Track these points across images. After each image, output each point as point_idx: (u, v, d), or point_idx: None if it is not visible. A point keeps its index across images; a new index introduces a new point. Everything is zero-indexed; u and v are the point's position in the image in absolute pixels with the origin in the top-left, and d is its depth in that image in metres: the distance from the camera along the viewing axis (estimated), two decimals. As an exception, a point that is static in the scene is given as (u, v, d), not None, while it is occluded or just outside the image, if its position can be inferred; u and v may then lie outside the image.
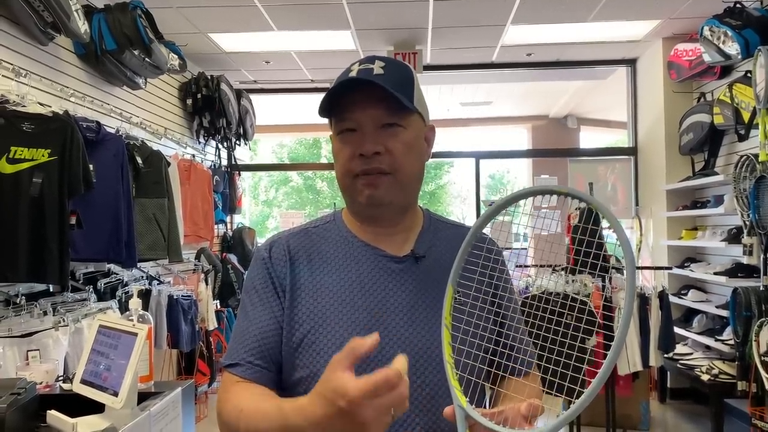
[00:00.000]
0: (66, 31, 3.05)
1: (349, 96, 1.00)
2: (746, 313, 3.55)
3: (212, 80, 5.25)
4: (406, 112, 1.02)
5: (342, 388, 0.72)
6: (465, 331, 0.94)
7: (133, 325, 1.45)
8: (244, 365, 1.01)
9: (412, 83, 1.04)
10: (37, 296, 2.97)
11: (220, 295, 5.38)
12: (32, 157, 2.71)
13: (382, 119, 1.01)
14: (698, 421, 4.52)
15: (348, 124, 1.02)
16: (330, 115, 1.05)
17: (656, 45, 5.29)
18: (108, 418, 1.45)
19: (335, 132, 1.05)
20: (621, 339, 0.71)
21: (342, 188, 1.07)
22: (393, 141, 1.01)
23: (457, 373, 0.86)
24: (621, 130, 7.48)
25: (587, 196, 0.79)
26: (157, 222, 3.85)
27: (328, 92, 1.00)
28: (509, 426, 0.78)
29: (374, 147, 1.00)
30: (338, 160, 1.05)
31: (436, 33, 4.99)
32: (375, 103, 1.00)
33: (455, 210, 16.15)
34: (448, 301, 0.90)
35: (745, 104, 3.93)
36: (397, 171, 1.02)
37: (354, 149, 1.01)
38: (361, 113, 1.00)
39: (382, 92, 0.98)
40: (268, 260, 1.07)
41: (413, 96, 1.03)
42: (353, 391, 0.71)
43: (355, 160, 1.01)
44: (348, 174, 1.03)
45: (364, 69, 1.00)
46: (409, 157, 1.03)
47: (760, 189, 3.61)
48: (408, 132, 1.03)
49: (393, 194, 1.03)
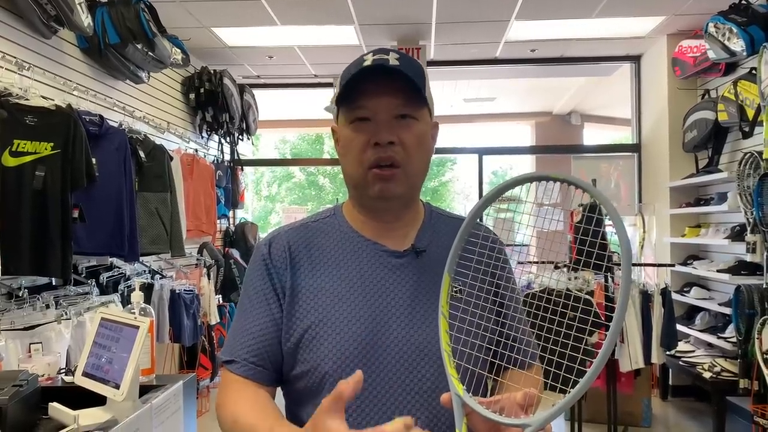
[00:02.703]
0: (69, 24, 3.05)
1: (364, 85, 0.99)
2: (749, 311, 3.55)
3: (215, 75, 5.25)
4: (420, 104, 1.03)
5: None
6: (464, 320, 0.94)
7: (135, 318, 1.45)
8: (241, 363, 1.02)
9: (425, 77, 1.04)
10: (40, 289, 2.98)
11: (223, 290, 5.39)
12: (35, 151, 2.71)
13: (398, 109, 1.00)
14: (700, 419, 4.52)
15: (362, 112, 1.01)
16: (342, 103, 1.03)
17: (661, 41, 5.26)
18: (109, 410, 1.45)
19: (347, 121, 1.03)
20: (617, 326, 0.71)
21: (351, 179, 1.06)
22: (406, 132, 1.01)
23: (455, 361, 0.86)
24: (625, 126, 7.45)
25: (584, 182, 0.78)
26: (160, 216, 3.85)
27: (350, 77, 0.99)
28: (505, 414, 0.78)
29: (389, 136, 0.99)
30: (349, 149, 1.03)
31: (439, 28, 4.98)
32: (392, 92, 0.99)
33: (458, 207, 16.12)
34: (445, 290, 0.90)
35: (749, 101, 3.92)
36: (407, 164, 1.01)
37: (368, 138, 1.00)
38: (378, 102, 1.00)
39: (398, 82, 0.98)
40: (268, 257, 1.07)
41: (426, 90, 1.03)
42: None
43: (369, 149, 1.00)
44: (360, 165, 1.02)
45: (379, 59, 0.99)
46: (419, 150, 1.03)
47: (764, 186, 3.59)
48: (420, 125, 1.03)
49: (402, 188, 1.03)
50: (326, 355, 0.98)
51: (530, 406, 0.80)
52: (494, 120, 9.66)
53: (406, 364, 0.99)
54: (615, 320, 0.71)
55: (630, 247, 0.75)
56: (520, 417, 0.78)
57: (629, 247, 0.74)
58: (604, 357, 0.71)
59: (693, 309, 4.82)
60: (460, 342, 0.91)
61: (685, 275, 4.94)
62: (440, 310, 0.89)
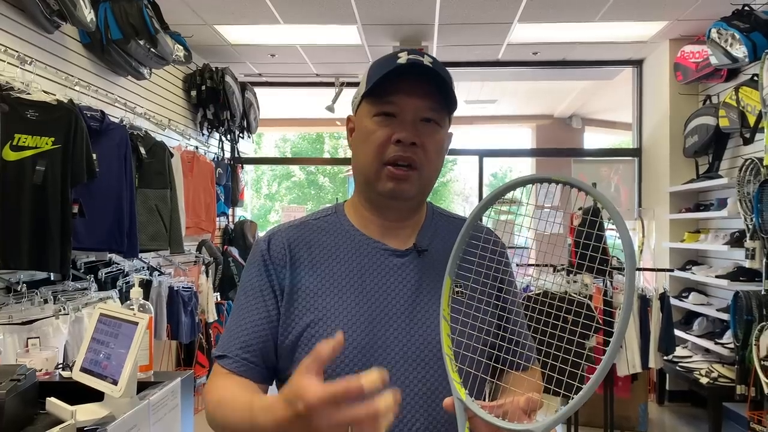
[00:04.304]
0: (72, 19, 3.04)
1: (396, 81, 0.99)
2: (747, 317, 3.55)
3: (217, 72, 5.25)
4: (447, 111, 1.03)
5: (302, 390, 0.71)
6: (466, 323, 0.94)
7: (134, 314, 1.45)
8: (233, 358, 1.01)
9: (453, 86, 1.04)
10: (38, 284, 2.98)
11: (221, 288, 5.39)
12: (36, 145, 2.71)
13: (425, 112, 1.00)
14: (696, 425, 4.52)
15: (390, 107, 1.00)
16: (369, 95, 1.02)
17: (663, 46, 5.27)
18: (107, 406, 1.45)
19: (370, 113, 1.02)
20: (621, 332, 0.70)
21: (362, 171, 1.05)
22: (429, 137, 1.01)
23: (457, 365, 0.86)
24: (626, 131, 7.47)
25: (586, 185, 0.78)
26: (159, 213, 3.85)
27: (386, 72, 0.98)
28: (508, 419, 0.78)
29: (413, 137, 0.99)
30: (368, 142, 1.02)
31: (442, 30, 4.98)
32: (423, 94, 1.00)
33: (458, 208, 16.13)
34: (446, 292, 0.90)
35: (751, 108, 3.92)
36: (423, 167, 1.01)
37: (390, 134, 0.99)
38: (408, 101, 0.99)
39: (429, 86, 0.98)
40: (267, 254, 1.06)
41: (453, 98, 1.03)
42: (311, 395, 0.70)
43: (389, 145, 1.00)
44: (377, 158, 1.01)
45: (413, 59, 0.99)
46: (437, 157, 1.04)
47: (764, 193, 3.60)
48: (442, 132, 1.04)
49: (414, 190, 1.03)
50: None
51: (533, 411, 0.80)
52: (495, 122, 9.66)
53: (406, 365, 0.98)
54: (619, 325, 0.71)
55: (634, 251, 0.74)
56: (523, 422, 0.78)
57: (633, 252, 0.73)
58: (609, 361, 0.71)
59: (691, 314, 4.82)
60: (462, 346, 0.91)
61: (684, 280, 4.94)
62: (441, 313, 0.89)
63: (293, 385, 0.74)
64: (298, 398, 0.71)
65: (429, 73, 0.98)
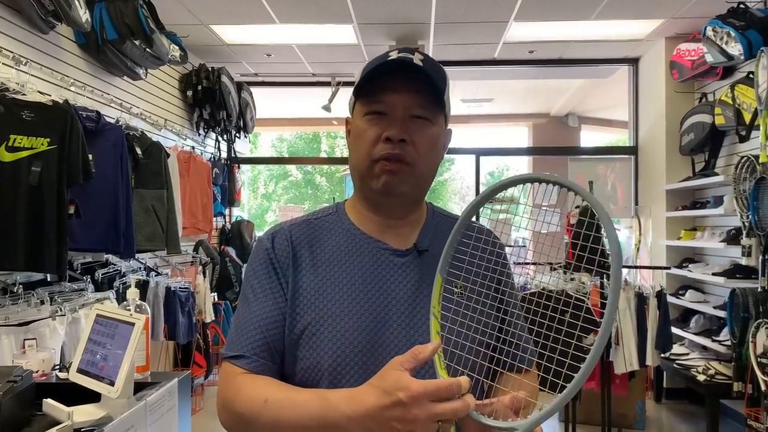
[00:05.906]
0: (67, 19, 3.04)
1: (385, 79, 1.00)
2: (744, 315, 3.56)
3: (213, 72, 5.24)
4: (438, 108, 1.03)
5: (404, 382, 0.75)
6: (464, 324, 0.94)
7: (131, 315, 1.44)
8: (251, 357, 0.99)
9: (447, 82, 1.04)
10: (35, 285, 2.97)
11: (218, 288, 5.38)
12: (31, 146, 2.70)
13: (414, 110, 1.01)
14: (693, 422, 4.54)
15: (379, 106, 1.01)
16: (360, 95, 1.03)
17: (659, 44, 5.28)
18: (104, 407, 1.45)
19: (362, 113, 1.03)
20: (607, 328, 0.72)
21: (357, 170, 1.06)
22: (419, 134, 1.01)
23: (446, 362, 0.86)
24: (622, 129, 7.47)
25: (574, 184, 0.78)
26: (156, 213, 3.84)
27: (372, 69, 0.99)
28: (494, 417, 0.79)
29: (402, 134, 0.99)
30: (360, 141, 1.03)
31: (438, 28, 4.98)
32: (412, 91, 1.00)
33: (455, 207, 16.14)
34: (437, 290, 0.90)
35: (746, 105, 3.93)
36: (416, 164, 1.01)
37: (380, 132, 1.00)
38: (397, 98, 1.00)
39: (419, 83, 0.99)
40: (271, 250, 1.06)
41: (446, 95, 1.04)
42: (416, 386, 0.74)
43: (379, 143, 1.00)
44: (368, 156, 1.02)
45: (404, 57, 0.99)
46: (430, 153, 1.04)
47: (760, 190, 3.61)
48: (434, 128, 1.04)
49: (407, 186, 1.03)
50: (325, 352, 0.98)
51: (522, 409, 0.80)
52: (492, 121, 9.67)
53: None
54: (604, 323, 0.72)
55: (620, 250, 0.75)
56: (509, 420, 0.78)
57: (619, 251, 0.74)
58: (593, 360, 0.72)
59: (688, 312, 4.84)
60: (456, 344, 0.91)
61: (681, 278, 4.96)
62: (431, 310, 0.89)
63: (390, 376, 0.78)
64: (399, 388, 0.75)
65: (418, 70, 0.98)
